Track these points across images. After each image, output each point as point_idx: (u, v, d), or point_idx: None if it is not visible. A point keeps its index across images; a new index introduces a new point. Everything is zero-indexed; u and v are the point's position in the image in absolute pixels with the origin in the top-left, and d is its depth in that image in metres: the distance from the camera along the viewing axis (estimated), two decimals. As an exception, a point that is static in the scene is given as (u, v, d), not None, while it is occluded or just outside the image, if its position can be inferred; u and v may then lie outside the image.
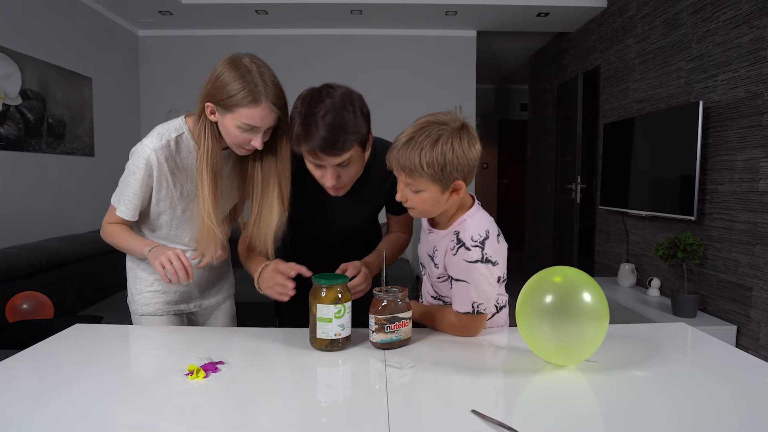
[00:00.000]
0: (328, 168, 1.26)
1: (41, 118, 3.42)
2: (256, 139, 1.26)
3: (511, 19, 4.55)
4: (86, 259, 3.21)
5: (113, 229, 1.43)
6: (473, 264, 1.21)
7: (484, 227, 1.23)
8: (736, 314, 2.75)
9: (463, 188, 1.22)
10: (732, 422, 0.88)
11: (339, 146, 1.21)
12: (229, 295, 1.68)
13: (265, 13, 4.36)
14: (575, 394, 1.01)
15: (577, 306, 1.05)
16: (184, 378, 1.04)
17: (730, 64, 2.76)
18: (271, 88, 1.22)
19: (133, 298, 1.51)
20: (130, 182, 1.35)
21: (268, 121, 1.25)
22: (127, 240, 1.42)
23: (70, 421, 0.87)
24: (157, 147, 1.31)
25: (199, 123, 1.29)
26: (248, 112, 1.21)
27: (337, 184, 1.30)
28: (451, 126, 1.18)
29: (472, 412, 0.89)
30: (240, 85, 1.19)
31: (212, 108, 1.25)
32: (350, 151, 1.24)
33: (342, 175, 1.29)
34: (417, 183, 1.19)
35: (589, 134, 4.57)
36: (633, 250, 3.82)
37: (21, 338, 1.99)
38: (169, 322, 1.51)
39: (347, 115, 1.21)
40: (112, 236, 1.44)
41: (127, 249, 1.45)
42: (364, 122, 1.26)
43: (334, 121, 1.19)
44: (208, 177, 1.31)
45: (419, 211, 1.27)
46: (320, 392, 1.05)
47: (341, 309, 1.18)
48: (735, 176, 2.73)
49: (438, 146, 1.15)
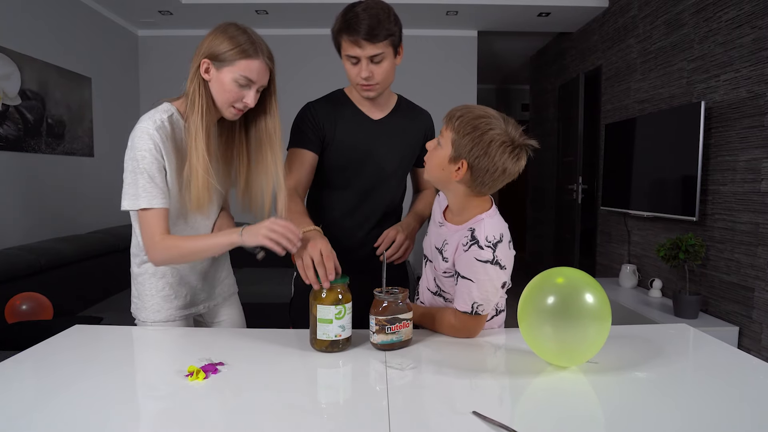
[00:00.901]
0: (363, 61, 1.43)
1: (41, 119, 3.42)
2: (249, 95, 1.30)
3: (513, 19, 4.55)
4: (86, 259, 3.21)
5: (172, 241, 1.29)
6: (483, 264, 1.20)
7: (499, 230, 1.24)
8: (738, 315, 2.74)
9: (463, 170, 1.21)
10: (734, 423, 0.88)
11: (376, 34, 1.39)
12: (234, 291, 1.66)
13: (265, 13, 4.36)
14: (577, 395, 1.00)
15: (579, 307, 1.04)
16: (184, 379, 1.03)
17: (732, 64, 2.75)
18: (265, 47, 1.32)
19: (144, 305, 1.43)
20: (144, 168, 1.26)
21: (262, 77, 1.31)
22: (200, 242, 1.31)
23: (70, 422, 0.86)
24: (155, 128, 1.28)
25: (192, 84, 1.30)
26: (247, 65, 1.27)
27: (369, 80, 1.46)
28: (510, 135, 1.19)
29: (473, 413, 0.88)
30: (241, 39, 1.28)
31: (208, 65, 1.29)
32: (384, 44, 1.42)
33: (374, 72, 1.45)
34: (445, 134, 1.24)
35: (591, 134, 4.57)
36: (634, 251, 3.81)
37: (20, 339, 1.97)
38: (181, 326, 1.48)
39: (382, 14, 1.41)
40: (176, 248, 1.30)
41: (206, 251, 1.32)
42: (395, 26, 1.44)
43: (372, 15, 1.39)
44: (203, 136, 1.30)
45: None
46: (320, 393, 1.05)
47: (342, 310, 1.18)
48: (737, 177, 2.72)
49: (496, 130, 1.18)
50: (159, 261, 1.32)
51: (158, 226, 1.28)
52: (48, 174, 3.53)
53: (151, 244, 1.29)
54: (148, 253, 1.31)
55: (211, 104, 1.32)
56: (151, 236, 1.28)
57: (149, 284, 1.43)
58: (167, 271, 1.43)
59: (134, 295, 1.48)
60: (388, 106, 1.63)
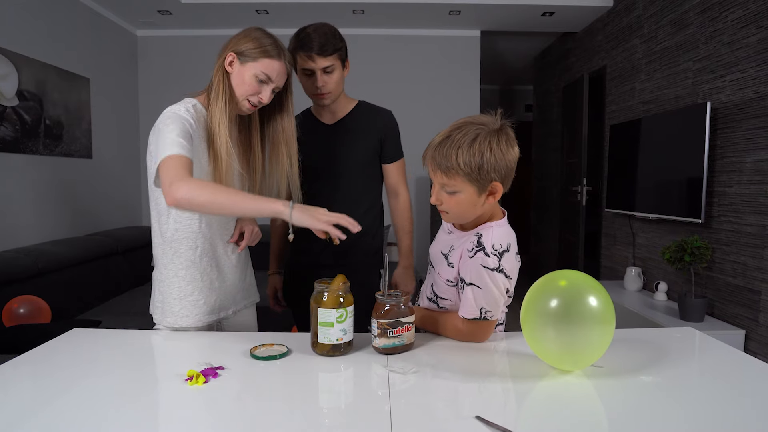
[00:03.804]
0: (317, 72, 1.62)
1: (38, 120, 3.40)
2: (266, 92, 1.40)
3: (516, 18, 4.53)
4: (84, 262, 3.20)
5: (202, 181, 1.23)
6: (490, 271, 1.19)
7: (506, 239, 1.22)
8: (745, 319, 2.72)
9: (499, 191, 1.20)
10: (740, 428, 0.87)
11: (326, 49, 1.60)
12: (256, 298, 1.65)
13: (265, 13, 4.35)
14: (581, 399, 0.99)
15: (582, 310, 1.03)
16: (184, 383, 1.02)
17: (738, 64, 2.73)
18: (287, 52, 1.45)
19: (171, 309, 1.40)
20: (172, 129, 1.24)
21: (280, 78, 1.42)
22: (235, 195, 1.24)
23: (68, 426, 0.86)
24: (184, 110, 1.32)
25: (216, 75, 1.39)
26: (270, 63, 1.38)
27: (323, 88, 1.65)
28: (490, 127, 1.18)
29: (476, 418, 0.88)
30: (269, 41, 1.40)
31: (233, 58, 1.38)
32: (333, 57, 1.62)
33: (327, 82, 1.64)
34: (453, 183, 1.18)
35: (595, 136, 4.55)
36: (639, 254, 3.79)
37: (18, 343, 1.97)
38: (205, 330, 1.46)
39: (329, 33, 1.63)
40: (207, 187, 1.21)
41: (238, 206, 1.24)
42: (341, 42, 1.66)
43: (321, 34, 1.61)
44: (226, 121, 1.36)
45: (454, 215, 1.25)
46: (322, 398, 1.04)
47: (343, 313, 1.16)
48: (743, 178, 2.70)
49: (476, 144, 1.15)
50: (180, 196, 1.18)
51: (183, 169, 1.20)
52: (46, 176, 3.50)
53: (176, 180, 1.19)
54: (172, 186, 1.18)
55: (233, 95, 1.40)
56: (175, 174, 1.19)
57: (177, 288, 1.40)
58: (196, 275, 1.41)
59: (157, 299, 1.44)
60: (344, 111, 1.79)
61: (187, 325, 1.41)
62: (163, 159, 1.21)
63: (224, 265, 1.47)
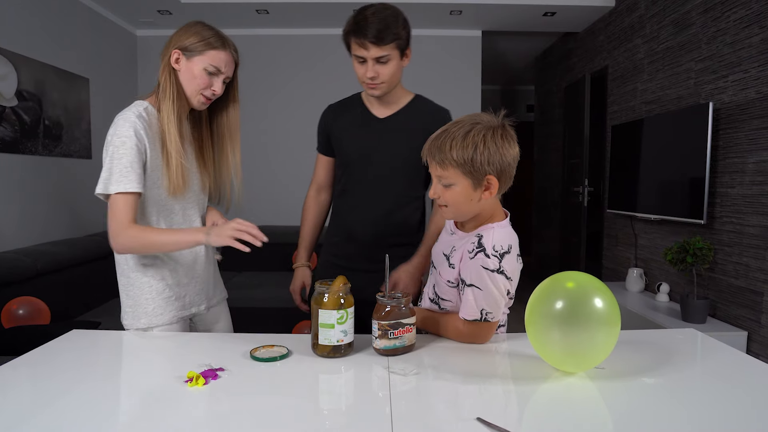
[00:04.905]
0: (369, 61, 1.50)
1: (37, 120, 3.39)
2: (217, 83, 1.41)
3: (517, 18, 4.52)
4: (83, 263, 3.20)
5: (138, 230, 1.29)
6: (490, 272, 1.18)
7: (507, 241, 1.22)
8: (747, 320, 2.71)
9: (495, 186, 1.20)
10: (742, 430, 0.87)
11: (383, 37, 1.46)
12: (225, 296, 1.67)
13: (266, 13, 4.35)
14: (583, 401, 0.99)
15: (588, 312, 1.03)
16: (184, 385, 1.02)
17: (740, 64, 2.72)
18: (231, 41, 1.44)
19: (144, 310, 1.40)
20: (123, 154, 1.29)
21: (229, 68, 1.42)
22: (165, 236, 1.32)
23: (68, 428, 0.85)
24: (135, 116, 1.33)
25: (163, 74, 1.39)
26: (216, 55, 1.38)
27: (375, 79, 1.53)
28: (488, 123, 1.19)
29: (477, 420, 0.87)
30: (211, 33, 1.40)
31: (178, 55, 1.38)
32: (390, 47, 1.49)
33: (380, 72, 1.52)
34: (448, 175, 1.20)
35: (597, 136, 4.54)
36: (641, 255, 3.78)
37: (17, 344, 1.97)
38: (180, 329, 1.47)
39: (391, 19, 1.49)
40: (141, 238, 1.30)
41: (170, 245, 1.33)
42: (403, 30, 1.52)
43: (381, 19, 1.47)
44: (175, 121, 1.37)
45: (452, 210, 1.26)
46: (322, 399, 1.03)
47: (344, 315, 1.16)
48: (746, 179, 2.69)
49: (469, 136, 1.16)
50: (121, 248, 1.32)
51: (127, 214, 1.29)
52: (45, 176, 3.48)
53: (118, 230, 1.30)
54: (113, 239, 1.31)
55: (181, 92, 1.40)
56: (119, 222, 1.29)
57: (148, 288, 1.41)
58: (166, 273, 1.43)
59: (127, 304, 1.43)
60: (398, 105, 1.67)
61: (163, 323, 1.42)
62: (112, 196, 1.30)
63: (189, 259, 1.48)
